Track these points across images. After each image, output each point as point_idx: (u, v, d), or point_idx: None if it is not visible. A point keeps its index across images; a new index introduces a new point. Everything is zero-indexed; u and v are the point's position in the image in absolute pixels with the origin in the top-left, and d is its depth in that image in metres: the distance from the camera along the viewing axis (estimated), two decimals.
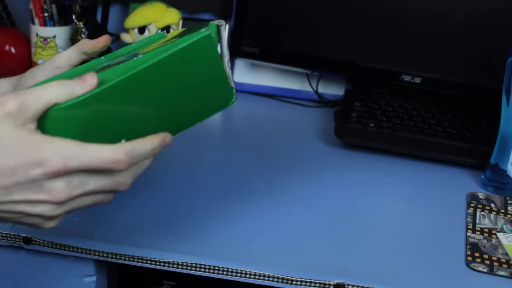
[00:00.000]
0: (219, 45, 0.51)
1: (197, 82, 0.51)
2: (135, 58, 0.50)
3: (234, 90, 0.55)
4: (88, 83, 0.47)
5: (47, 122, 0.47)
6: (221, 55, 0.52)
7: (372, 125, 0.88)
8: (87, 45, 0.59)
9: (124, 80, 0.47)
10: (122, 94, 0.48)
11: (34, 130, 0.46)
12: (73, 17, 1.03)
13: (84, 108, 0.47)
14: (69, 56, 0.59)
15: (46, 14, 1.02)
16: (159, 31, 1.05)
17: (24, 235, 0.62)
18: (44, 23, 1.03)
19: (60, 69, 0.59)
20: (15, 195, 0.45)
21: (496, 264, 0.63)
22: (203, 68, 0.51)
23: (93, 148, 0.45)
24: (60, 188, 0.45)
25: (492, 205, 0.74)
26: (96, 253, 0.62)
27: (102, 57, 0.59)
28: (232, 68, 1.07)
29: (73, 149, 0.45)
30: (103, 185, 0.47)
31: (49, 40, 1.03)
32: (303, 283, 0.59)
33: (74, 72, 0.56)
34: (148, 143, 0.48)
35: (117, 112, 0.48)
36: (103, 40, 0.59)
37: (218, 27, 0.51)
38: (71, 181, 0.46)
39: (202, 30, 0.50)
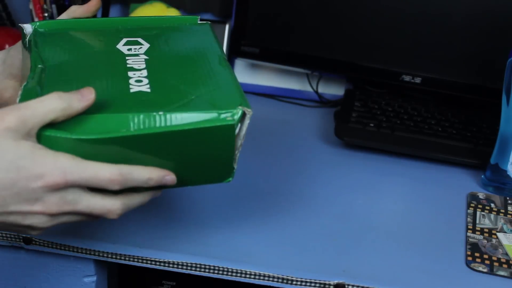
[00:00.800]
0: (237, 130, 0.52)
1: (203, 153, 0.53)
2: (155, 114, 0.50)
3: (234, 171, 0.56)
4: (86, 97, 0.48)
5: (47, 142, 0.47)
6: (236, 139, 0.53)
7: (372, 125, 0.88)
8: (78, 11, 0.59)
9: (137, 136, 0.49)
10: (131, 144, 0.49)
11: (36, 143, 0.46)
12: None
13: (90, 144, 0.48)
14: None
15: (46, 14, 1.02)
16: None
17: (24, 235, 0.62)
18: None
19: None
20: (11, 206, 0.46)
21: (496, 264, 0.63)
22: (214, 146, 0.52)
23: (92, 166, 0.47)
24: (55, 201, 0.46)
25: (492, 205, 0.74)
26: (96, 253, 0.62)
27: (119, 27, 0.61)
28: (232, 68, 1.07)
29: (75, 164, 0.46)
30: (93, 208, 0.48)
31: None
32: (303, 283, 0.59)
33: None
34: (145, 172, 0.49)
35: (121, 153, 0.49)
36: (93, 5, 0.59)
37: (245, 114, 0.52)
38: (65, 197, 0.47)
39: (227, 114, 0.51)
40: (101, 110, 0.49)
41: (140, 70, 0.55)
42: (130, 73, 0.54)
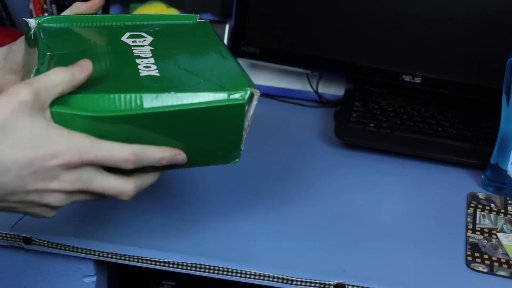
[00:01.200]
0: (246, 111, 0.54)
1: (212, 133, 0.54)
2: (166, 94, 0.51)
3: (241, 152, 0.57)
4: (84, 68, 0.49)
5: (62, 119, 0.48)
6: (244, 119, 0.54)
7: (372, 125, 0.88)
8: (81, 8, 0.60)
9: (150, 114, 0.50)
10: (144, 122, 0.50)
11: (51, 120, 0.47)
12: None
13: (104, 122, 0.49)
14: None
15: (46, 14, 1.02)
16: None
17: (24, 235, 0.62)
18: None
19: None
20: (29, 185, 0.46)
21: (496, 264, 0.63)
22: (223, 126, 0.54)
23: (107, 145, 0.47)
24: (71, 179, 0.47)
25: (492, 205, 0.74)
26: (96, 253, 0.62)
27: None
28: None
29: (90, 144, 0.47)
30: (107, 188, 0.49)
31: None
32: (303, 283, 0.59)
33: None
34: (158, 152, 0.50)
35: (133, 131, 0.50)
36: (97, 1, 0.60)
37: (252, 95, 0.54)
38: (81, 175, 0.47)
39: (238, 95, 0.53)
40: (114, 90, 0.50)
41: (147, 58, 0.56)
42: (138, 60, 0.56)
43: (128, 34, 0.60)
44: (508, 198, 0.76)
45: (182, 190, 0.73)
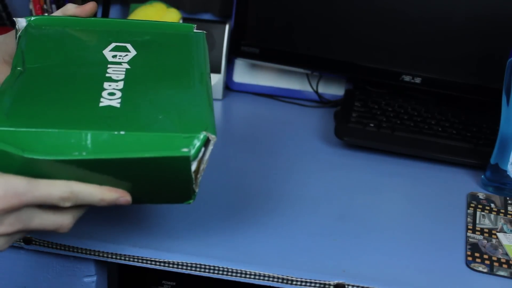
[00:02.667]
0: (197, 159, 0.51)
1: (160, 179, 0.52)
2: (115, 133, 0.49)
3: (195, 193, 0.54)
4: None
5: None
6: (199, 164, 0.51)
7: (372, 125, 0.88)
8: (73, 11, 0.60)
9: (90, 160, 0.48)
10: (85, 165, 0.48)
11: None
12: None
13: (42, 163, 0.47)
14: None
15: (46, 14, 1.02)
16: None
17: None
18: None
19: None
20: None
21: (496, 264, 0.63)
22: (170, 173, 0.51)
23: (44, 185, 0.47)
24: (11, 222, 0.47)
25: (492, 205, 0.74)
26: (96, 253, 0.62)
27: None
28: (232, 68, 1.07)
29: (26, 184, 0.46)
30: (46, 224, 0.49)
31: None
32: (303, 283, 0.59)
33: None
34: (98, 193, 0.49)
35: (75, 172, 0.49)
36: (89, 8, 0.60)
37: (208, 140, 0.51)
38: (20, 216, 0.47)
39: (187, 142, 0.50)
40: (61, 125, 0.49)
41: (117, 81, 0.54)
42: (105, 84, 0.54)
43: (113, 45, 0.59)
44: (508, 198, 0.76)
45: None
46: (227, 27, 1.02)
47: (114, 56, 0.57)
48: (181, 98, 0.55)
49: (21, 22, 0.58)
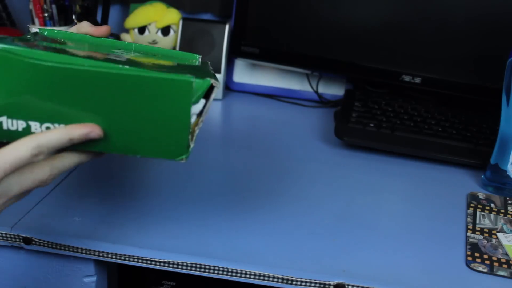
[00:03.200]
0: (201, 101, 0.49)
1: (153, 113, 0.49)
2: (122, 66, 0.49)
3: (189, 150, 0.51)
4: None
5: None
6: (201, 111, 0.49)
7: (372, 125, 0.88)
8: (86, 29, 0.60)
9: (90, 72, 0.47)
10: (79, 83, 0.47)
11: None
12: (73, 17, 1.03)
13: (35, 72, 0.47)
14: None
15: (46, 14, 1.02)
16: (159, 31, 1.05)
17: (24, 235, 0.62)
18: (44, 23, 1.03)
19: None
20: None
21: (496, 264, 0.63)
22: (166, 106, 0.48)
23: (9, 151, 0.47)
24: None
25: (492, 205, 0.74)
26: (96, 253, 0.62)
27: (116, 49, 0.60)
28: (232, 68, 1.07)
29: None
30: (26, 186, 0.49)
31: None
32: (303, 283, 0.59)
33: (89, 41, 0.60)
34: (64, 134, 0.48)
35: (59, 98, 0.48)
36: (103, 31, 0.60)
37: (212, 87, 0.50)
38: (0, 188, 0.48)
39: (190, 75, 0.48)
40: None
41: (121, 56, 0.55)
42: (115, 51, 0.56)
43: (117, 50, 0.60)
44: (508, 198, 0.76)
45: (183, 190, 0.73)
46: (227, 27, 1.02)
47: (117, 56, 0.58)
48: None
49: (34, 29, 0.59)
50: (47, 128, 0.49)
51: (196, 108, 0.49)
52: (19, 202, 0.67)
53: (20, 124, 0.49)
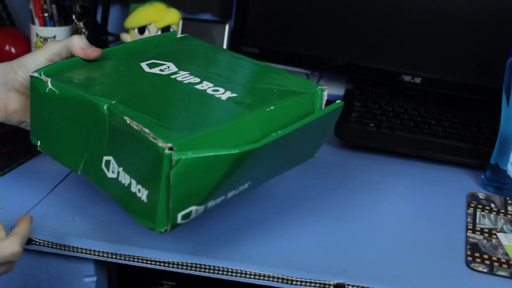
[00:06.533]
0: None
1: (317, 133, 0.58)
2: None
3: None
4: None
5: (194, 164, 0.46)
6: None
7: (372, 125, 0.88)
8: (75, 51, 0.59)
9: (283, 137, 0.51)
10: (267, 149, 0.51)
11: None
12: (73, 17, 1.03)
13: (248, 156, 0.48)
14: (60, 52, 0.60)
15: (46, 14, 1.02)
16: (159, 31, 1.05)
17: None
18: (44, 23, 1.03)
19: (52, 61, 0.60)
20: None
21: (496, 264, 0.63)
22: (328, 124, 0.59)
23: None
24: None
25: (492, 205, 0.74)
26: (96, 253, 0.62)
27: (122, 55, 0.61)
28: None
29: None
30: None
31: (49, 40, 1.03)
32: (303, 283, 0.59)
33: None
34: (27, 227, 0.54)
35: (255, 161, 0.51)
36: (93, 56, 0.59)
37: (323, 91, 0.60)
38: None
39: (318, 100, 0.60)
40: (221, 119, 0.50)
41: (200, 83, 0.55)
42: (198, 86, 0.55)
43: (144, 65, 0.59)
44: (508, 198, 0.76)
45: None
46: (227, 27, 1.02)
47: (162, 70, 0.58)
48: (263, 74, 0.59)
49: (40, 77, 0.57)
50: (238, 190, 0.54)
51: None
52: (19, 202, 0.67)
53: (220, 199, 0.52)
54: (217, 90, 0.54)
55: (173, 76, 0.57)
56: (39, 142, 0.59)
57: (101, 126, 0.51)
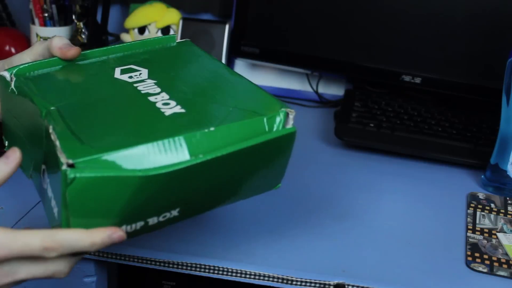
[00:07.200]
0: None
1: (261, 164, 0.52)
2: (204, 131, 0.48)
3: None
4: (11, 158, 0.47)
5: (91, 184, 0.43)
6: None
7: (372, 125, 0.88)
8: (55, 51, 0.57)
9: (201, 163, 0.46)
10: (196, 171, 0.47)
11: None
12: (73, 17, 1.03)
13: (155, 181, 0.45)
14: (43, 52, 0.59)
15: (46, 14, 1.02)
16: (159, 31, 1.05)
17: None
18: (44, 23, 1.03)
19: (43, 56, 0.59)
20: None
21: (496, 264, 0.63)
22: (275, 154, 0.52)
23: (22, 236, 0.44)
24: None
25: (492, 205, 0.74)
26: (96, 253, 0.62)
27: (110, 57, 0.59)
28: (232, 68, 1.07)
29: (3, 238, 0.44)
30: (35, 273, 0.46)
31: None
32: (303, 283, 0.59)
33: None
34: (86, 237, 0.45)
35: (175, 186, 0.47)
36: (70, 55, 0.57)
37: (287, 115, 0.52)
38: (2, 269, 0.45)
39: (271, 124, 0.51)
40: (149, 138, 0.46)
41: (158, 94, 0.52)
42: (151, 98, 0.52)
43: (118, 70, 0.57)
44: (508, 198, 0.76)
45: None
46: (227, 27, 1.02)
47: (131, 77, 0.55)
48: (230, 91, 0.55)
49: (7, 76, 0.54)
50: (164, 217, 0.49)
51: None
52: (19, 202, 0.67)
53: (139, 225, 0.48)
54: (168, 104, 0.50)
55: (136, 85, 0.54)
56: (7, 142, 0.57)
57: (40, 132, 0.49)
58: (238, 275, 0.60)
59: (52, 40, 0.58)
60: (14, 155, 0.47)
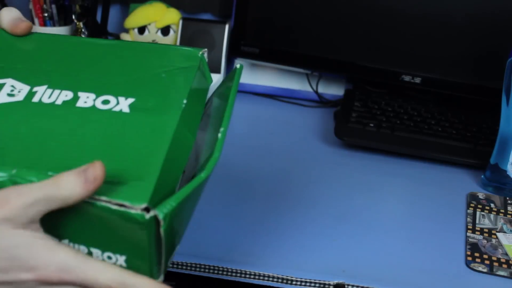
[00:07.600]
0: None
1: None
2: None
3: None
4: (98, 171, 0.40)
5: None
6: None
7: (372, 125, 0.88)
8: (5, 25, 0.53)
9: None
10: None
11: (38, 232, 0.41)
12: (73, 17, 1.03)
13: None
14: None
15: (46, 14, 1.02)
16: (159, 31, 1.05)
17: None
18: (44, 23, 1.03)
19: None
20: None
21: (496, 264, 0.63)
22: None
23: (94, 267, 0.41)
24: None
25: (492, 205, 0.74)
26: None
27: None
28: (232, 68, 1.07)
29: (75, 263, 0.41)
30: None
31: None
32: (303, 283, 0.59)
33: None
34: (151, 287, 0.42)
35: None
36: (23, 28, 0.52)
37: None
38: None
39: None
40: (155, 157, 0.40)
41: (76, 98, 0.43)
42: (79, 105, 0.43)
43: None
44: (508, 198, 0.76)
45: None
46: (227, 27, 1.02)
47: (10, 95, 0.45)
48: (134, 57, 0.45)
49: None
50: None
51: None
52: None
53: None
54: (108, 102, 0.41)
55: (33, 100, 0.42)
56: None
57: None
58: (238, 275, 0.60)
59: (4, 12, 0.53)
60: (101, 169, 0.40)
